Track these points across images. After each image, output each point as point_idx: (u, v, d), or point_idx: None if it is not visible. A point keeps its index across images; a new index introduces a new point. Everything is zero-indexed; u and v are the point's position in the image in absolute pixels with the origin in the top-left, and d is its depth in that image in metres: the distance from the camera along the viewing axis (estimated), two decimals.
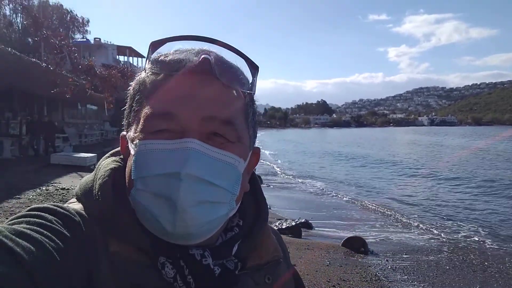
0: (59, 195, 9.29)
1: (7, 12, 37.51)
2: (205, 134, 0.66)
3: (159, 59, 0.69)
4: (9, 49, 17.70)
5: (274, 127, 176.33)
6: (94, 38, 43.40)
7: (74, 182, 11.14)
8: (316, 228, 8.80)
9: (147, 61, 0.70)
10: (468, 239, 8.52)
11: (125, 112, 0.74)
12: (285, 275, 0.83)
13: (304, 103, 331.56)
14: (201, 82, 0.67)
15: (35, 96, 20.46)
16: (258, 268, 0.78)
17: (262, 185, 14.44)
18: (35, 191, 9.63)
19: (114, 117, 30.14)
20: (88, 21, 46.41)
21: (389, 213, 11.10)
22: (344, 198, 13.32)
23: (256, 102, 0.77)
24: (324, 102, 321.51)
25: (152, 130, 0.66)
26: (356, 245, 7.13)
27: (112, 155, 0.81)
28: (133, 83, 0.74)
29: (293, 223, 8.12)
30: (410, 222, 10.07)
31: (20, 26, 36.46)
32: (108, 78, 15.83)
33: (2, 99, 19.00)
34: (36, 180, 11.22)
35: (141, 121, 0.68)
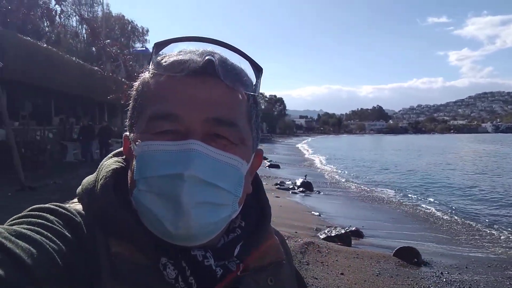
0: None
1: (74, 24, 40.07)
2: (208, 135, 0.66)
3: (163, 60, 0.70)
4: (74, 58, 18.89)
5: (327, 133, 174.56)
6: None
7: None
8: (367, 237, 8.55)
9: (151, 62, 0.70)
10: None
11: (128, 113, 0.75)
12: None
13: (359, 109, 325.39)
14: (205, 84, 0.67)
15: (96, 102, 21.56)
16: (261, 269, 0.77)
17: (313, 192, 14.36)
18: None
19: None
20: (147, 31, 48.47)
21: (448, 225, 10.60)
22: (400, 206, 12.88)
23: (259, 103, 0.77)
24: (380, 107, 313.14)
25: (155, 131, 0.66)
26: (408, 255, 6.83)
27: (114, 155, 0.82)
28: (136, 84, 0.74)
29: (343, 231, 7.93)
30: (470, 235, 9.56)
31: (85, 36, 38.69)
32: None
33: (67, 105, 20.24)
34: None
35: (144, 122, 0.68)
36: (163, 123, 0.65)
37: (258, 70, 0.73)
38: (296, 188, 14.80)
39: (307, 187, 14.93)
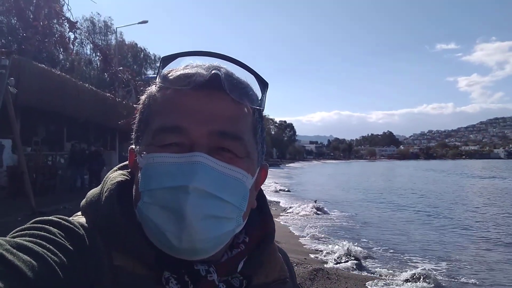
0: None
1: (88, 52, 41.13)
2: (213, 148, 0.66)
3: (170, 73, 0.70)
4: (87, 84, 19.23)
5: (337, 159, 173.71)
6: None
7: None
8: (378, 261, 8.40)
9: (158, 75, 0.70)
10: None
11: (134, 125, 0.75)
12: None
13: (370, 134, 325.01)
14: (211, 97, 0.66)
15: (108, 128, 21.77)
16: (264, 286, 0.76)
17: (324, 214, 14.19)
18: None
19: None
20: (159, 58, 49.47)
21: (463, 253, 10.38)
22: (414, 234, 12.67)
23: (263, 117, 0.77)
24: (391, 133, 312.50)
25: (160, 144, 0.66)
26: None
27: (120, 168, 0.82)
28: (143, 97, 0.74)
29: (353, 256, 7.84)
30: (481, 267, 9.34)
31: (98, 63, 39.56)
32: None
33: (79, 131, 20.49)
34: None
35: (150, 134, 0.68)
36: (169, 135, 0.65)
37: (264, 84, 0.72)
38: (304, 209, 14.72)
39: (319, 210, 14.88)
